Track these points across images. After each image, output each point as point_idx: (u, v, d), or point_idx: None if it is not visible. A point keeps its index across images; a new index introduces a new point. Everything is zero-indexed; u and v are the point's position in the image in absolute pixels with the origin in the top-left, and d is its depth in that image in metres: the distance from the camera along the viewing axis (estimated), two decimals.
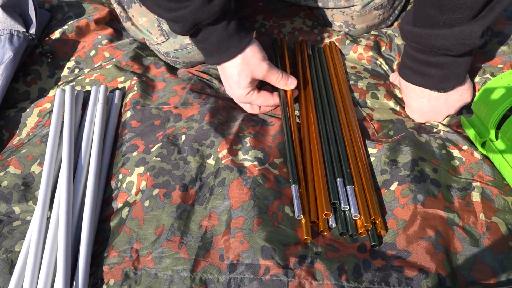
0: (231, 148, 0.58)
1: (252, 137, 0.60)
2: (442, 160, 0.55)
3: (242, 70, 0.61)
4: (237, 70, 0.61)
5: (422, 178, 0.52)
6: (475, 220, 0.48)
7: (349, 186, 0.52)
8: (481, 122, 0.56)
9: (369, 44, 0.76)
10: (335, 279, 0.45)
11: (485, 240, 0.47)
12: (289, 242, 0.49)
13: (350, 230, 0.49)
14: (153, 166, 0.57)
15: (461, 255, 0.46)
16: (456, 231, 0.48)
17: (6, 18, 0.74)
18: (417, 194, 0.51)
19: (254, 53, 0.61)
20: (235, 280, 0.46)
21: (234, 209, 0.51)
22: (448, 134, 0.59)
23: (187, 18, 0.55)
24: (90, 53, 0.79)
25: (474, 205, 0.50)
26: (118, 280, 0.48)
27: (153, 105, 0.68)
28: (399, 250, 0.47)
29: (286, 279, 0.45)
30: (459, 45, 0.52)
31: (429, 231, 0.48)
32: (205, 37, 0.59)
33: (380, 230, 0.49)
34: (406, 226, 0.49)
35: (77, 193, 0.56)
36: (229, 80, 0.63)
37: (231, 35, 0.58)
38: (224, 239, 0.50)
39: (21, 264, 0.50)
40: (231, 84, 0.63)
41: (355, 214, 0.50)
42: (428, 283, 0.44)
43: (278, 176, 0.55)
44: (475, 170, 0.53)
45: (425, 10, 0.52)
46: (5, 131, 0.69)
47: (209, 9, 0.54)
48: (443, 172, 0.53)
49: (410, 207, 0.50)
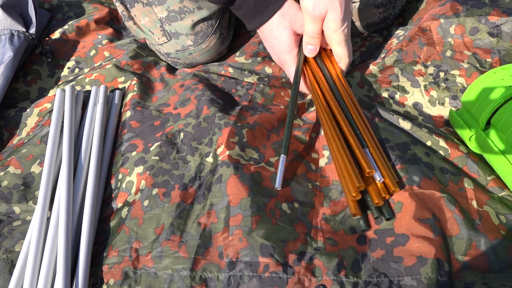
0: (228, 142, 0.58)
1: (249, 129, 0.59)
2: (430, 149, 0.55)
3: (280, 24, 0.60)
4: (275, 24, 0.60)
5: (415, 161, 0.52)
6: (469, 207, 0.49)
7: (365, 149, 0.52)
8: (470, 115, 0.56)
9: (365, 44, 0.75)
10: (334, 274, 0.45)
11: (479, 226, 0.47)
12: (288, 239, 0.49)
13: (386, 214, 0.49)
14: (152, 166, 0.57)
15: (456, 238, 0.46)
16: (454, 212, 0.48)
17: (6, 18, 0.75)
18: (412, 176, 0.51)
19: (292, 7, 0.59)
20: (235, 278, 0.46)
21: (233, 206, 0.51)
22: (432, 126, 0.59)
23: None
24: (90, 53, 0.79)
25: (467, 191, 0.50)
26: (118, 280, 0.48)
27: (153, 106, 0.68)
28: (398, 235, 0.47)
29: (286, 276, 0.45)
30: None
31: (426, 213, 0.48)
32: (243, 1, 0.59)
33: (393, 189, 0.49)
34: (403, 208, 0.49)
35: (77, 193, 0.56)
36: (270, 38, 0.62)
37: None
38: (223, 237, 0.50)
39: (21, 264, 0.50)
40: (273, 41, 0.62)
41: (379, 178, 0.50)
42: (427, 270, 0.44)
43: (274, 173, 0.55)
44: (460, 164, 0.53)
45: None
46: (5, 131, 0.69)
47: None
48: (435, 157, 0.54)
49: (406, 188, 0.50)
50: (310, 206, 0.53)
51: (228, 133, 0.58)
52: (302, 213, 0.51)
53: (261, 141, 0.59)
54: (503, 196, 0.50)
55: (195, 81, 0.70)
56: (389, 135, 0.56)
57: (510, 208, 0.49)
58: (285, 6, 0.60)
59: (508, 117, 0.49)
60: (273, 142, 0.60)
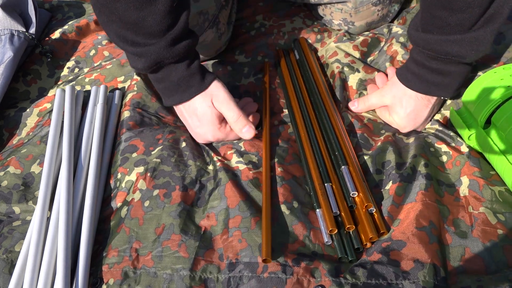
0: (226, 154, 0.59)
1: (246, 142, 0.60)
2: (431, 156, 0.56)
3: (203, 101, 0.58)
4: (198, 102, 0.59)
5: (413, 176, 0.53)
6: (464, 214, 0.49)
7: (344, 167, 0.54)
8: (470, 114, 0.56)
9: (367, 39, 0.76)
10: (333, 276, 0.45)
11: (474, 231, 0.47)
12: (287, 240, 0.49)
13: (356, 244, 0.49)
14: (153, 168, 0.57)
15: (450, 247, 0.47)
16: (446, 224, 0.48)
17: (6, 18, 0.75)
18: (410, 192, 0.51)
19: (217, 87, 0.59)
20: (234, 279, 0.46)
21: (231, 208, 0.51)
22: (436, 132, 0.60)
23: (151, 54, 0.54)
24: (90, 53, 0.79)
25: (463, 200, 0.51)
26: (118, 280, 0.48)
27: (153, 109, 0.68)
28: (394, 241, 0.48)
29: (285, 277, 0.46)
30: (473, 51, 0.52)
31: (423, 221, 0.48)
32: (166, 75, 0.57)
33: (382, 231, 0.49)
34: (401, 222, 0.49)
35: (77, 193, 0.56)
36: (194, 115, 0.60)
37: (193, 73, 0.57)
38: (223, 239, 0.50)
39: (21, 264, 0.50)
40: (197, 119, 0.60)
41: (353, 192, 0.51)
42: (424, 274, 0.44)
43: (273, 176, 0.55)
44: (462, 163, 0.54)
45: (433, 13, 0.51)
46: (5, 131, 0.69)
47: (174, 50, 0.54)
48: (433, 167, 0.54)
49: (404, 207, 0.51)
50: (309, 207, 0.53)
51: (225, 147, 0.60)
52: (302, 213, 0.51)
53: (260, 146, 0.60)
54: (503, 191, 0.50)
55: None
56: (390, 155, 0.56)
57: (509, 206, 0.49)
58: (210, 89, 0.59)
59: (508, 115, 0.50)
60: (272, 145, 0.60)
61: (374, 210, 0.50)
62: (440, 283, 0.43)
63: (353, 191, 0.51)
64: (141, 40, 0.53)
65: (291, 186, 0.54)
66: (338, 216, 0.51)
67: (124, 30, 0.53)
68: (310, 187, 0.54)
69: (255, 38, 0.83)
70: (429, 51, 0.55)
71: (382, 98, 0.62)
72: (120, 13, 0.51)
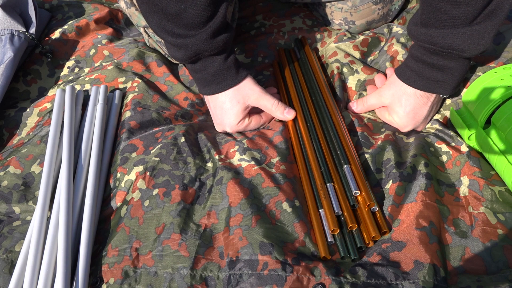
0: (228, 151, 0.59)
1: (249, 140, 0.60)
2: (431, 155, 0.56)
3: (233, 96, 0.61)
4: (228, 96, 0.61)
5: (413, 176, 0.53)
6: (464, 214, 0.49)
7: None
8: (470, 114, 0.56)
9: (367, 39, 0.76)
10: (333, 275, 0.45)
11: (474, 231, 0.47)
12: (287, 239, 0.49)
13: (359, 243, 0.49)
14: (152, 167, 0.57)
15: (450, 247, 0.47)
16: (446, 224, 0.48)
17: (6, 18, 0.74)
18: (410, 192, 0.51)
19: (249, 83, 0.61)
20: (234, 276, 0.46)
21: (233, 206, 0.51)
22: (436, 132, 0.59)
23: (191, 46, 0.55)
24: (89, 52, 0.79)
25: (463, 200, 0.50)
26: (118, 279, 0.48)
27: (154, 107, 0.67)
28: (394, 242, 0.48)
29: (284, 274, 0.46)
30: (475, 45, 0.52)
31: (423, 222, 0.48)
32: (204, 66, 0.59)
33: (384, 230, 0.49)
34: (401, 222, 0.49)
35: (77, 193, 0.56)
36: (220, 108, 0.62)
37: (229, 67, 0.59)
38: (224, 237, 0.50)
39: (21, 264, 0.50)
40: (221, 112, 0.62)
41: (355, 191, 0.51)
42: (424, 274, 0.44)
43: (275, 174, 0.55)
44: (462, 162, 0.53)
45: (436, 6, 0.51)
46: (5, 131, 0.69)
47: (213, 43, 0.56)
48: (433, 167, 0.54)
49: (404, 206, 0.51)
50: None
51: (228, 145, 0.60)
52: (303, 212, 0.51)
53: (263, 144, 0.60)
54: (503, 191, 0.50)
55: (199, 97, 0.71)
56: (390, 154, 0.56)
57: (509, 206, 0.49)
58: (242, 84, 0.61)
59: (508, 115, 0.50)
60: (275, 144, 0.60)
61: (376, 209, 0.50)
62: (440, 283, 0.43)
63: (355, 190, 0.51)
64: (182, 31, 0.55)
65: (293, 184, 0.54)
66: (341, 216, 0.51)
67: (165, 21, 0.54)
68: (313, 187, 0.54)
69: (255, 37, 0.83)
70: (430, 45, 0.55)
71: (381, 98, 0.62)
72: (162, 4, 0.52)
